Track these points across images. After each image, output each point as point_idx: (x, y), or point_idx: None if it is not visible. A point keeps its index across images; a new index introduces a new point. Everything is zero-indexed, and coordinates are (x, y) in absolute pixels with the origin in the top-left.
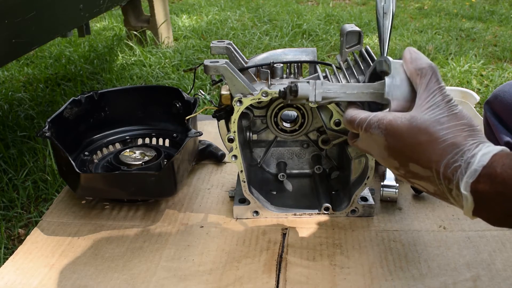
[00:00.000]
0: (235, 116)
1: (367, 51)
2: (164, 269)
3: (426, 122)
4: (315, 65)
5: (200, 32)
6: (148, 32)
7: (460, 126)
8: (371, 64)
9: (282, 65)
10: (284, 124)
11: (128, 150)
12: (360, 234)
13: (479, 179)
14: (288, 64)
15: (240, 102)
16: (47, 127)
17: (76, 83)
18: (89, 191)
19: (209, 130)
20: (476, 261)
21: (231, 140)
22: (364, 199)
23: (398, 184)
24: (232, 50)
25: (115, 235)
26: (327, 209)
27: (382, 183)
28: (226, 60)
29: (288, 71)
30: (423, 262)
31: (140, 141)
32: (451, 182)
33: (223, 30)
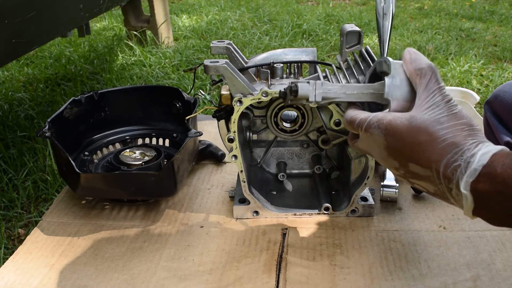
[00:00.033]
0: (235, 116)
1: (367, 51)
2: (164, 269)
3: (426, 122)
4: (315, 65)
5: (200, 32)
6: (148, 32)
7: (460, 125)
8: (371, 64)
9: (282, 65)
10: (284, 124)
11: (128, 150)
12: (360, 234)
13: (479, 179)
14: (288, 64)
15: (240, 102)
16: (47, 127)
17: (76, 83)
18: (89, 191)
19: (209, 130)
20: (476, 261)
21: (231, 140)
22: (364, 199)
23: (398, 184)
24: (232, 50)
25: (115, 235)
26: (327, 209)
27: (382, 183)
28: (226, 60)
29: (288, 71)
30: (423, 262)
31: (140, 141)
32: (451, 182)
33: (223, 30)
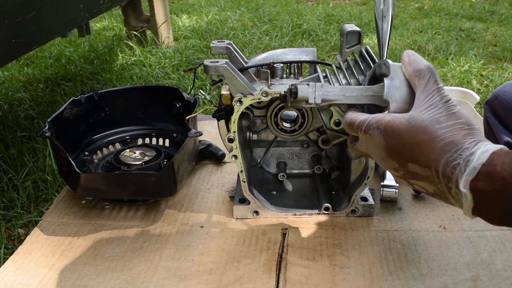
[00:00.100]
0: (235, 116)
1: (367, 51)
2: (164, 269)
3: (425, 122)
4: (315, 65)
5: (200, 32)
6: (148, 32)
7: (459, 125)
8: (371, 64)
9: (282, 65)
10: (284, 124)
11: (128, 150)
12: (360, 234)
13: (478, 177)
14: (288, 64)
15: (240, 102)
16: (47, 127)
17: (76, 83)
18: (89, 191)
19: (209, 130)
20: (476, 261)
21: (231, 140)
22: (364, 199)
23: (398, 184)
24: (232, 50)
25: (115, 235)
26: (327, 209)
27: (382, 183)
28: (226, 60)
29: (288, 71)
30: (423, 262)
31: (140, 141)
32: (450, 181)
33: (223, 30)
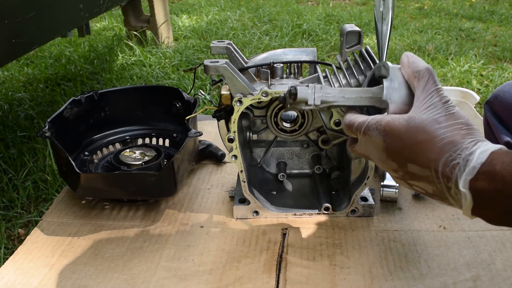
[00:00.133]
0: (235, 116)
1: (367, 51)
2: (164, 269)
3: (424, 122)
4: (315, 65)
5: (200, 32)
6: (148, 32)
7: (458, 125)
8: (371, 64)
9: (282, 65)
10: (284, 124)
11: (128, 150)
12: (360, 234)
13: (477, 177)
14: (288, 64)
15: (240, 102)
16: (47, 127)
17: (76, 83)
18: (89, 191)
19: (209, 130)
20: (476, 261)
21: (231, 140)
22: (364, 199)
23: (398, 184)
24: (232, 50)
25: (115, 235)
26: (327, 209)
27: (382, 183)
28: (226, 60)
29: (288, 71)
30: (423, 262)
31: (140, 141)
32: (449, 181)
33: (223, 30)
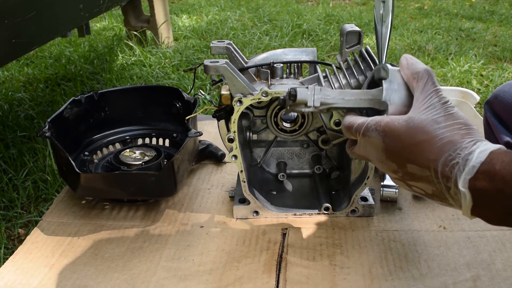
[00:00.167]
0: (235, 116)
1: (367, 51)
2: (164, 269)
3: (423, 122)
4: (315, 65)
5: (200, 32)
6: (148, 32)
7: (457, 125)
8: (371, 64)
9: (282, 65)
10: (284, 124)
11: (128, 150)
12: (360, 234)
13: (477, 176)
14: (288, 64)
15: (240, 102)
16: (47, 127)
17: (76, 83)
18: (89, 191)
19: (209, 130)
20: (476, 261)
21: (231, 140)
22: (364, 199)
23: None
24: (232, 50)
25: (115, 235)
26: (327, 209)
27: (382, 183)
28: (226, 60)
29: (288, 71)
30: (423, 262)
31: (140, 141)
32: (449, 180)
33: (223, 30)
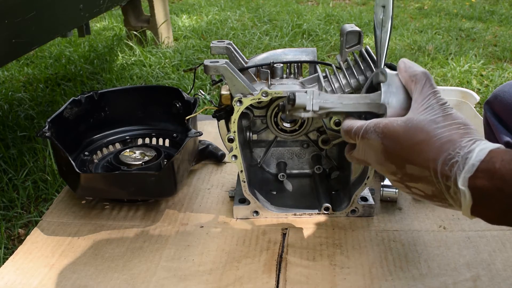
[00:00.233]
0: (235, 116)
1: (367, 51)
2: (164, 269)
3: (422, 122)
4: (315, 65)
5: (200, 32)
6: (148, 32)
7: (456, 124)
8: (371, 64)
9: (282, 65)
10: (284, 124)
11: (128, 150)
12: (360, 234)
13: (477, 174)
14: (288, 64)
15: (240, 102)
16: (47, 127)
17: (76, 83)
18: (89, 191)
19: (209, 130)
20: (476, 261)
21: (231, 140)
22: (364, 199)
23: None
24: (232, 50)
25: (115, 235)
26: (327, 209)
27: (382, 183)
28: (226, 60)
29: (288, 71)
30: (423, 262)
31: (140, 141)
32: (449, 179)
33: (223, 30)
